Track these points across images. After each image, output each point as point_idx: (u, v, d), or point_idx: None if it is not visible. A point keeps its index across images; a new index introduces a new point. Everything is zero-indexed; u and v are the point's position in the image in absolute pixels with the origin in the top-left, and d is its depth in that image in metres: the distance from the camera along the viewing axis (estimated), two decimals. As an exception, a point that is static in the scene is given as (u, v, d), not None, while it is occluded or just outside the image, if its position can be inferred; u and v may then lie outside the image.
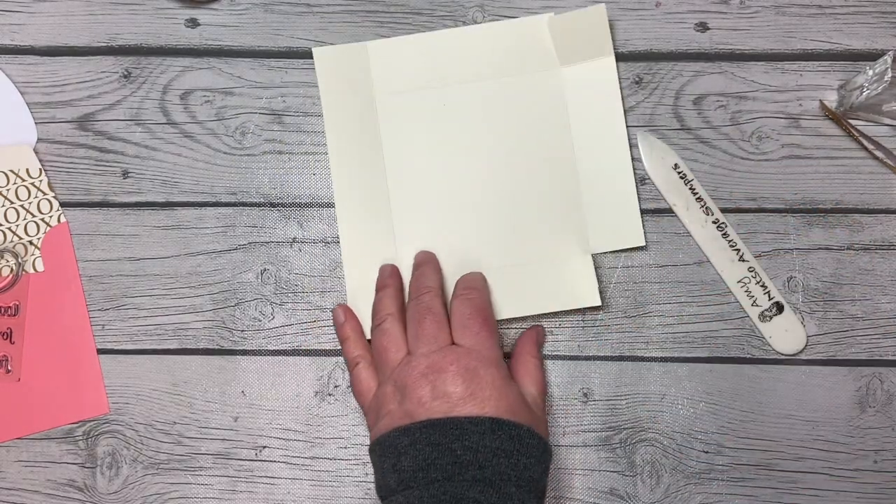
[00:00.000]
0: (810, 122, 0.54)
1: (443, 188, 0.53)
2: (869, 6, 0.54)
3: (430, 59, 0.53)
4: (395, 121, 0.53)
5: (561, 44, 0.53)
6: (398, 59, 0.54)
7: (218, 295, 0.53)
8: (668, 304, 0.53)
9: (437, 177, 0.53)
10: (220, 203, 0.54)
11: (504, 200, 0.53)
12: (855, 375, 0.52)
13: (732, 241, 0.52)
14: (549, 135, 0.53)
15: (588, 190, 0.52)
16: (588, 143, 0.53)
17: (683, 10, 0.55)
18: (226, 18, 0.55)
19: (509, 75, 0.53)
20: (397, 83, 0.53)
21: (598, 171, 0.53)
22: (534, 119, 0.53)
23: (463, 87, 0.53)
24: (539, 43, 0.53)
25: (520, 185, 0.53)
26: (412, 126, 0.53)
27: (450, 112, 0.53)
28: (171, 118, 0.55)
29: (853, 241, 0.53)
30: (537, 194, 0.53)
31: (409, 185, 0.53)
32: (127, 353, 0.53)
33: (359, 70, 0.54)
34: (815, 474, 0.51)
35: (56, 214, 0.54)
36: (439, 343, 0.46)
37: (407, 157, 0.53)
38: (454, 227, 0.53)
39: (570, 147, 0.53)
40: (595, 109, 0.53)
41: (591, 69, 0.53)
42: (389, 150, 0.53)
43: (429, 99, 0.53)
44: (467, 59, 0.53)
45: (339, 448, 0.52)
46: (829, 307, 0.52)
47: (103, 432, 0.53)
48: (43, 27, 0.55)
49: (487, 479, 0.41)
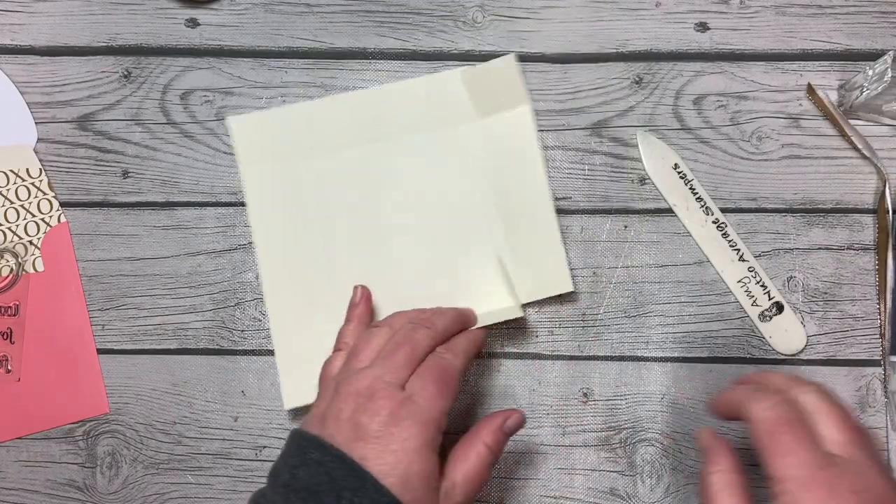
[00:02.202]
0: (810, 122, 0.54)
1: (369, 247, 0.52)
2: (869, 6, 0.54)
3: (349, 120, 0.53)
4: (318, 184, 0.53)
5: (477, 96, 0.53)
6: (318, 122, 0.53)
7: (218, 295, 0.53)
8: (668, 304, 0.53)
9: (362, 236, 0.52)
10: (220, 203, 0.54)
11: (430, 257, 0.52)
12: (855, 375, 0.52)
13: (732, 241, 0.52)
14: (470, 188, 0.53)
15: (513, 241, 0.52)
16: (509, 193, 0.52)
17: (683, 10, 0.55)
18: (226, 18, 0.55)
19: (430, 130, 0.53)
20: (318, 146, 0.53)
21: (521, 222, 0.52)
22: (454, 171, 0.53)
23: (384, 146, 0.53)
24: (456, 97, 0.53)
25: (444, 241, 0.52)
26: (335, 187, 0.53)
27: (372, 171, 0.53)
28: (171, 118, 0.55)
29: (853, 241, 0.53)
30: (462, 248, 0.52)
31: (335, 246, 0.52)
32: (127, 353, 0.53)
33: (277, 136, 0.53)
34: (815, 474, 0.51)
35: (56, 214, 0.54)
36: (394, 375, 0.42)
37: (332, 218, 0.52)
38: (384, 287, 0.51)
39: (491, 198, 0.52)
40: (515, 159, 0.53)
41: (509, 118, 0.53)
42: (314, 213, 0.52)
43: (351, 159, 0.53)
44: (387, 118, 0.53)
45: (339, 448, 0.52)
46: (829, 307, 0.52)
47: (103, 432, 0.53)
48: (43, 27, 0.55)
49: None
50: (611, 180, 0.54)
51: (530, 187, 0.53)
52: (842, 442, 0.36)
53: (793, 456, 0.35)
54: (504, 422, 0.44)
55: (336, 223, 0.53)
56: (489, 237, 0.52)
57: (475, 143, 0.53)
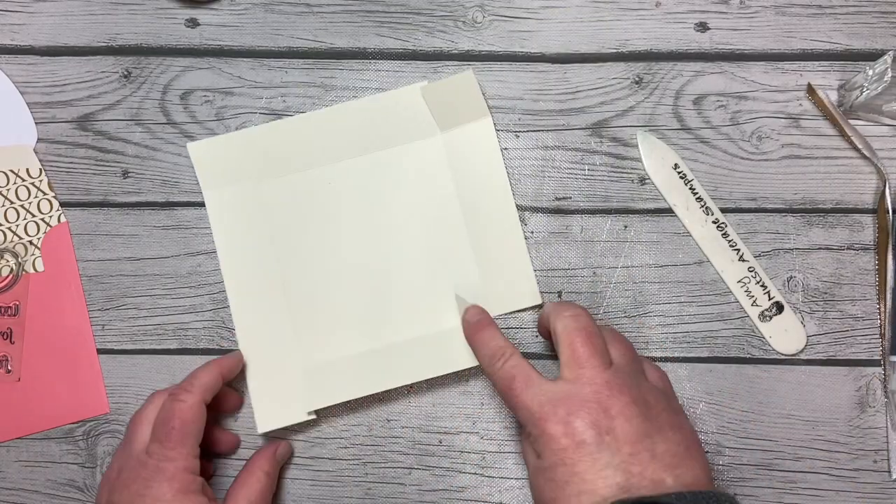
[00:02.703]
0: (810, 122, 0.54)
1: (333, 266, 0.52)
2: (869, 6, 0.54)
3: (309, 139, 0.53)
4: (279, 204, 0.52)
5: (437, 110, 0.53)
6: (277, 143, 0.53)
7: (218, 295, 0.53)
8: (668, 304, 0.53)
9: (327, 255, 0.52)
10: (220, 203, 0.54)
11: (395, 272, 0.52)
12: (855, 375, 0.52)
13: (732, 241, 0.52)
14: (434, 202, 0.52)
15: (479, 254, 0.52)
16: (474, 206, 0.52)
17: (683, 10, 0.55)
18: (226, 18, 0.55)
19: (392, 145, 0.53)
20: (278, 166, 0.53)
21: (487, 234, 0.52)
22: (418, 187, 0.53)
23: (346, 163, 0.53)
24: (417, 111, 0.53)
25: (410, 256, 0.52)
26: (297, 208, 0.52)
27: (333, 189, 0.53)
28: (171, 118, 0.55)
29: (853, 241, 0.53)
30: (427, 264, 0.52)
31: (300, 268, 0.52)
32: (127, 353, 0.53)
33: (237, 159, 0.53)
34: (815, 474, 0.51)
35: (56, 214, 0.54)
36: (142, 445, 0.46)
37: (295, 239, 0.52)
38: (348, 306, 0.52)
39: (457, 212, 0.52)
40: (478, 171, 0.53)
41: (470, 131, 0.53)
42: (276, 235, 0.52)
43: (313, 178, 0.53)
44: (349, 134, 0.53)
45: (339, 448, 0.52)
46: (829, 307, 0.52)
47: (103, 432, 0.53)
48: (43, 27, 0.55)
49: None
50: (611, 180, 0.54)
51: (495, 200, 0.53)
52: (624, 357, 0.43)
53: (587, 360, 0.41)
54: (276, 451, 0.50)
55: (299, 243, 0.52)
56: (457, 251, 0.52)
57: (438, 156, 0.53)
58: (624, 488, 0.38)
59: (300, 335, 0.51)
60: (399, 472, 0.52)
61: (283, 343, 0.52)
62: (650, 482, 0.39)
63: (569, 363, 0.42)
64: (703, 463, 0.41)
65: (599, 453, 0.39)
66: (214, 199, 0.53)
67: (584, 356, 0.41)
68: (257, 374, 0.52)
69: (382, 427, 0.52)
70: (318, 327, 0.52)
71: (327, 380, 0.51)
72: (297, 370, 0.51)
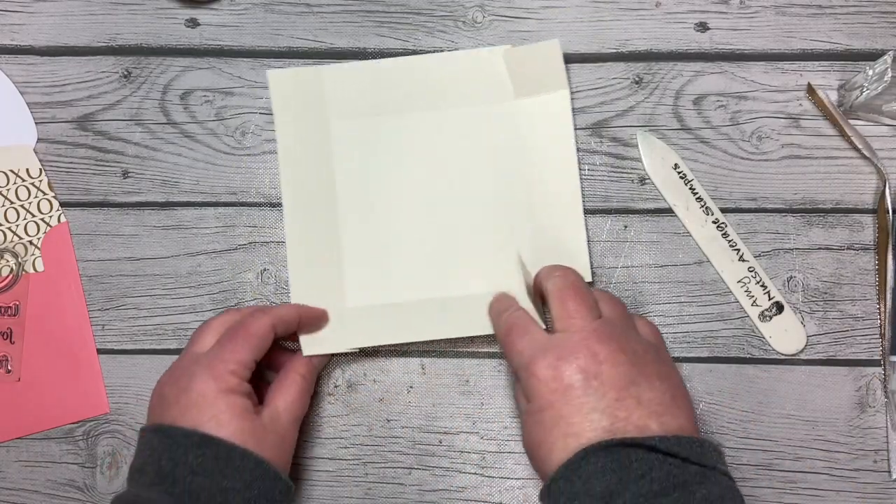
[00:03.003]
0: (810, 122, 0.54)
1: (393, 214, 0.52)
2: (869, 6, 0.54)
3: (384, 87, 0.53)
4: (348, 146, 0.53)
5: (516, 76, 0.53)
6: (353, 86, 0.53)
7: (218, 295, 0.53)
8: (668, 304, 0.53)
9: (388, 202, 0.52)
10: (220, 203, 0.54)
11: (453, 230, 0.52)
12: (855, 375, 0.52)
13: (732, 241, 0.52)
14: (501, 166, 0.52)
15: (537, 224, 0.52)
16: (540, 176, 0.52)
17: (683, 10, 0.55)
18: (226, 18, 0.55)
19: (465, 105, 0.53)
20: (351, 109, 0.53)
21: (547, 205, 0.52)
22: (487, 150, 0.53)
23: (417, 116, 0.53)
24: (495, 75, 0.53)
25: (469, 216, 0.52)
26: (365, 151, 0.53)
27: (403, 139, 0.53)
28: (171, 118, 0.55)
29: (853, 241, 0.53)
30: (486, 226, 0.52)
31: (359, 209, 0.52)
32: (127, 353, 0.53)
33: (313, 94, 0.53)
34: (815, 474, 0.51)
35: (56, 214, 0.54)
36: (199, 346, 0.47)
37: (358, 181, 0.53)
38: (402, 255, 0.52)
39: (521, 181, 0.52)
40: (549, 143, 0.53)
41: (546, 102, 0.53)
42: (341, 174, 0.53)
43: (383, 126, 0.53)
44: (423, 88, 0.53)
45: (339, 448, 0.52)
46: (829, 307, 0.52)
47: (103, 432, 0.53)
48: (43, 27, 0.55)
49: None
50: (611, 180, 0.54)
51: (561, 173, 0.52)
52: (614, 311, 0.44)
53: (577, 312, 0.43)
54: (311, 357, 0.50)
55: (362, 187, 0.53)
56: (516, 218, 0.52)
57: (510, 122, 0.53)
58: (609, 432, 0.39)
59: (352, 275, 0.52)
60: (399, 472, 0.52)
61: (335, 279, 0.52)
62: (635, 427, 0.39)
63: (560, 316, 0.43)
64: (689, 412, 0.42)
65: (586, 397, 0.40)
66: (287, 129, 0.53)
67: (573, 308, 0.43)
68: (302, 300, 0.52)
69: (382, 427, 0.52)
70: (372, 271, 0.52)
71: (370, 321, 0.51)
72: (345, 307, 0.51)
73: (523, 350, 0.43)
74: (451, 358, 0.53)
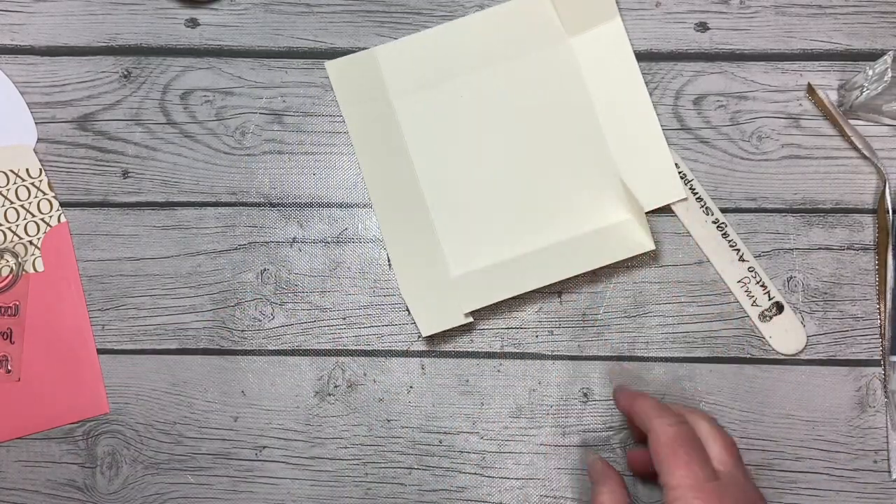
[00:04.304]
0: (810, 122, 0.54)
1: (474, 177, 0.53)
2: (869, 6, 0.54)
3: (437, 55, 0.54)
4: (415, 120, 0.53)
5: (565, 15, 0.53)
6: (407, 60, 0.54)
7: (218, 295, 0.53)
8: (668, 304, 0.53)
9: (467, 167, 0.53)
10: (220, 203, 0.54)
11: (538, 178, 0.53)
12: (855, 375, 0.52)
13: (732, 241, 0.52)
14: (571, 106, 0.53)
15: (620, 154, 0.53)
16: (610, 107, 0.53)
17: (683, 10, 0.55)
18: (226, 18, 0.55)
19: (520, 55, 0.53)
20: (410, 83, 0.54)
21: (626, 134, 0.53)
22: (553, 93, 0.53)
23: (476, 76, 0.53)
24: (543, 18, 0.53)
25: (552, 161, 0.53)
26: (433, 122, 0.53)
27: (468, 102, 0.53)
28: (171, 118, 0.55)
29: (853, 241, 0.53)
30: (570, 167, 0.53)
31: (441, 180, 0.53)
32: (127, 353, 0.53)
33: (371, 77, 0.54)
34: (815, 474, 0.51)
35: (56, 214, 0.54)
36: None
37: (433, 153, 0.53)
38: (493, 214, 0.53)
39: (593, 115, 0.53)
40: (611, 73, 0.53)
41: (600, 34, 0.53)
42: (415, 149, 0.53)
43: (444, 93, 0.53)
44: (475, 48, 0.54)
45: (339, 448, 0.52)
46: (829, 307, 0.52)
47: (103, 432, 0.53)
48: (43, 27, 0.55)
49: None
50: (611, 180, 0.54)
51: (631, 99, 0.53)
52: (726, 462, 0.43)
53: (686, 468, 0.41)
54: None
55: (436, 157, 0.53)
56: (598, 154, 0.53)
57: (569, 62, 0.53)
58: None
59: (447, 246, 0.53)
60: (399, 472, 0.52)
61: (432, 254, 0.52)
62: None
63: (670, 484, 0.41)
64: None
65: None
66: (354, 116, 0.54)
67: (687, 475, 0.41)
68: (409, 283, 0.52)
69: (382, 427, 0.52)
70: (464, 237, 0.53)
71: (478, 284, 0.52)
72: (447, 278, 0.52)
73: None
74: (451, 358, 0.53)
